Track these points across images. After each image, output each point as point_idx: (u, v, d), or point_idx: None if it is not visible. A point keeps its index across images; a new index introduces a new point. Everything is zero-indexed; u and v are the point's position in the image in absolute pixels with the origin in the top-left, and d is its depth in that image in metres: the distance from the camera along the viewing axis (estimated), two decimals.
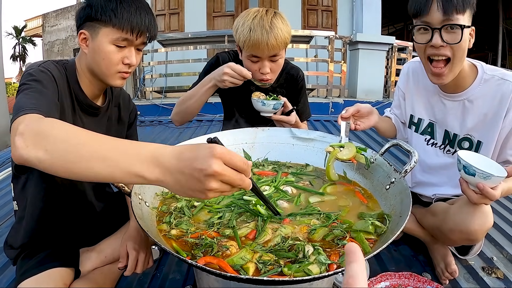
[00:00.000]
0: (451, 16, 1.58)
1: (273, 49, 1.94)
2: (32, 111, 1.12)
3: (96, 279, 1.64)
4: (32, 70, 1.41)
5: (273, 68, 2.04)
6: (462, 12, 1.58)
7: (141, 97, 8.13)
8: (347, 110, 1.78)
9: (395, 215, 1.23)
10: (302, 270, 0.98)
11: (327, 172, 1.60)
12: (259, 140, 1.83)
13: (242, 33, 1.95)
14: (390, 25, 18.28)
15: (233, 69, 1.93)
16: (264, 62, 1.99)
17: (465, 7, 1.58)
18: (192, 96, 2.14)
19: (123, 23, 1.46)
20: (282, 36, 1.93)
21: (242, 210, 1.33)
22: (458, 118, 1.86)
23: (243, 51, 2.05)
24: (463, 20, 1.59)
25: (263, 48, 1.91)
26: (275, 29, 1.90)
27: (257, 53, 1.96)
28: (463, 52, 1.67)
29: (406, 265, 2.07)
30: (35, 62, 1.50)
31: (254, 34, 1.89)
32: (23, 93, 1.28)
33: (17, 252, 1.61)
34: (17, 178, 1.63)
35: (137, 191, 1.27)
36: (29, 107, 1.15)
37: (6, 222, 2.63)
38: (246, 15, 1.98)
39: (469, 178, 1.45)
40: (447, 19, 1.59)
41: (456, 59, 1.66)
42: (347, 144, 1.65)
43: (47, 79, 1.40)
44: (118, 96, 1.85)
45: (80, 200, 1.73)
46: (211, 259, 1.04)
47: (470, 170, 1.41)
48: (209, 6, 10.39)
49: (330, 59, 7.81)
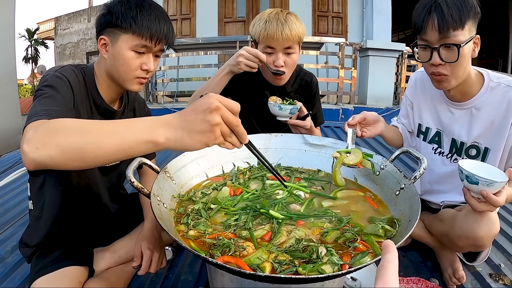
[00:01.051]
0: (448, 34, 1.60)
1: (287, 41, 2.02)
2: (41, 117, 1.15)
3: (109, 278, 1.68)
4: (48, 76, 1.45)
5: (287, 63, 2.10)
6: (460, 28, 1.60)
7: (152, 101, 8.18)
8: (353, 118, 1.82)
9: (405, 220, 1.26)
10: (316, 269, 1.02)
11: (333, 177, 1.63)
12: (272, 145, 1.86)
13: (259, 26, 2.05)
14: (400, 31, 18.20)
15: (248, 51, 1.98)
16: (278, 54, 2.07)
17: (464, 20, 1.59)
18: (207, 87, 2.16)
19: (143, 31, 1.50)
20: (296, 30, 2.03)
21: (257, 213, 1.36)
22: (465, 126, 1.88)
23: (258, 45, 2.12)
24: (462, 35, 1.61)
25: (278, 38, 2.00)
26: (290, 22, 2.01)
27: (272, 44, 2.04)
28: (463, 67, 1.70)
29: (414, 270, 2.10)
30: (53, 67, 1.54)
31: (270, 25, 2.00)
32: (37, 100, 1.32)
33: (32, 250, 1.65)
34: (34, 178, 1.67)
35: (156, 192, 1.30)
36: (39, 113, 1.18)
37: (19, 220, 2.69)
38: (263, 13, 2.10)
39: (472, 187, 1.48)
40: (443, 38, 1.62)
41: (454, 74, 1.70)
42: (353, 150, 1.68)
43: (61, 85, 1.43)
44: (134, 100, 1.90)
45: (95, 201, 1.77)
46: (229, 259, 1.08)
47: (473, 179, 1.45)
48: (220, 12, 10.44)
49: (341, 66, 7.80)
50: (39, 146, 0.99)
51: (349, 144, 1.73)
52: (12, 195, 3.19)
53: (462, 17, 1.59)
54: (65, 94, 1.41)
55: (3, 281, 1.97)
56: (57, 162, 0.99)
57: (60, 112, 1.27)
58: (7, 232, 2.52)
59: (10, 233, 2.49)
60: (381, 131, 1.97)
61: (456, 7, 1.59)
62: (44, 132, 1.03)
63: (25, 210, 2.82)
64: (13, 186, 3.40)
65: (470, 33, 1.64)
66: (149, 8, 1.54)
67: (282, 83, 2.22)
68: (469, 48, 1.66)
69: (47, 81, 1.41)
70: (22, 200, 3.06)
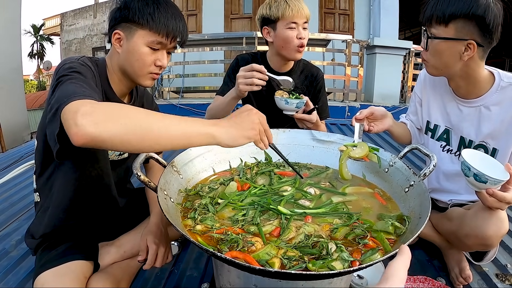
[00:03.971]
0: (430, 25, 1.72)
1: (306, 16, 2.27)
2: (86, 98, 1.12)
3: (114, 273, 1.66)
4: (72, 63, 1.41)
5: (306, 36, 2.28)
6: (443, 24, 1.66)
7: (158, 96, 8.17)
8: (361, 112, 1.82)
9: (414, 217, 1.25)
10: (326, 266, 1.01)
11: (340, 170, 1.63)
12: (280, 141, 1.85)
13: (280, 5, 2.24)
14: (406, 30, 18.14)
15: (244, 74, 2.00)
16: (299, 28, 2.25)
17: (449, 19, 1.64)
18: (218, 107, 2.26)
19: (160, 27, 1.51)
20: (307, 9, 2.28)
21: (264, 208, 1.36)
22: (474, 125, 1.87)
23: (279, 23, 2.27)
24: (444, 31, 1.66)
25: (301, 14, 2.23)
26: (302, 2, 2.26)
27: (296, 19, 2.23)
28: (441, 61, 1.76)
29: (421, 269, 2.09)
30: (72, 56, 1.52)
31: (291, 3, 2.21)
32: (69, 81, 1.27)
33: (38, 242, 1.65)
34: (41, 170, 1.66)
35: (163, 186, 1.30)
36: (83, 93, 1.15)
37: (24, 214, 2.70)
38: None
39: (478, 185, 1.45)
40: (428, 27, 1.73)
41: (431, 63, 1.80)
42: (359, 143, 1.68)
43: (88, 73, 1.43)
44: (142, 95, 1.90)
45: (104, 194, 1.76)
46: (237, 254, 1.07)
47: (482, 178, 1.41)
48: (226, 8, 10.41)
49: (347, 63, 7.78)
50: (99, 121, 1.00)
51: (356, 139, 1.73)
52: (18, 189, 3.20)
53: (447, 15, 1.64)
54: (92, 82, 1.40)
55: (7, 274, 1.97)
56: (113, 141, 1.02)
57: (96, 95, 1.23)
58: (12, 225, 2.52)
59: (15, 227, 2.49)
60: (389, 127, 1.96)
61: (447, 4, 1.63)
62: (106, 109, 1.05)
63: (30, 204, 2.83)
64: (19, 180, 3.41)
65: (458, 34, 1.64)
66: (166, 5, 1.54)
67: (301, 55, 2.36)
68: (452, 47, 1.67)
69: (73, 68, 1.38)
70: (27, 194, 3.06)
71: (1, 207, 2.84)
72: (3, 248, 2.23)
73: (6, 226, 2.52)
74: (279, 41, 2.28)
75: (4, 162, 4.07)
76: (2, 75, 6.69)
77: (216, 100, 2.31)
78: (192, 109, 7.07)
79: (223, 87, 2.43)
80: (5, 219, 2.62)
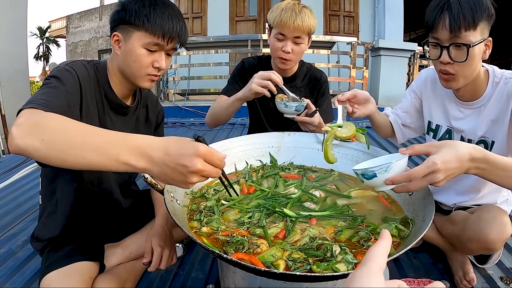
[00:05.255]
0: (459, 34, 1.57)
1: (297, 30, 2.15)
2: (38, 106, 1.14)
3: (120, 274, 1.68)
4: (57, 68, 1.45)
5: (294, 50, 2.22)
6: (472, 28, 1.56)
7: (164, 99, 8.20)
8: (343, 94, 1.79)
9: (418, 220, 1.26)
10: (331, 268, 1.02)
11: (325, 153, 1.60)
12: (285, 144, 1.86)
13: (275, 12, 2.19)
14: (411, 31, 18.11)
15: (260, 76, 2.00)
16: (288, 41, 2.19)
17: (477, 21, 1.56)
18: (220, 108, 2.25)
19: (155, 29, 1.50)
20: (308, 22, 2.16)
21: (270, 211, 1.37)
22: (474, 124, 1.84)
23: (272, 31, 2.26)
24: (473, 36, 1.57)
25: (289, 26, 2.13)
26: (303, 14, 2.15)
27: (283, 31, 2.17)
28: (472, 68, 1.66)
29: (425, 272, 2.08)
30: (65, 61, 1.54)
31: (285, 14, 2.14)
32: (40, 89, 1.32)
33: (43, 244, 1.66)
34: (45, 173, 1.68)
35: (169, 189, 1.31)
36: (37, 101, 1.17)
37: (30, 215, 2.72)
38: (282, 3, 2.22)
39: (375, 182, 1.26)
40: (454, 37, 1.59)
41: (462, 74, 1.67)
42: (346, 123, 1.63)
43: (68, 78, 1.43)
44: (147, 97, 1.90)
45: (107, 197, 1.77)
46: (243, 256, 1.08)
47: (369, 173, 1.24)
48: (231, 10, 10.43)
49: (352, 65, 7.78)
50: (26, 134, 1.00)
51: (340, 121, 1.68)
52: (24, 190, 3.22)
53: (475, 18, 1.56)
54: (70, 88, 1.41)
55: (13, 275, 1.98)
56: (40, 155, 1.01)
57: (59, 105, 1.26)
58: (18, 226, 2.54)
59: (21, 228, 2.52)
60: (371, 112, 1.94)
61: (470, 7, 1.56)
62: (34, 123, 1.04)
63: (36, 205, 2.82)
64: (25, 181, 3.43)
65: (482, 34, 1.61)
66: (163, 6, 1.54)
67: (288, 67, 2.31)
68: (480, 49, 1.63)
69: (55, 73, 1.41)
70: (33, 195, 3.08)
71: (8, 208, 2.86)
72: (10, 248, 2.25)
73: (12, 226, 2.54)
74: (271, 46, 2.30)
75: (11, 163, 4.09)
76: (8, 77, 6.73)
77: (220, 99, 2.31)
78: (197, 111, 7.09)
79: (227, 86, 2.44)
80: (12, 220, 2.64)
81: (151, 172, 1.00)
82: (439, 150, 1.18)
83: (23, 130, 1.01)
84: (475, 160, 1.19)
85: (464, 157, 1.17)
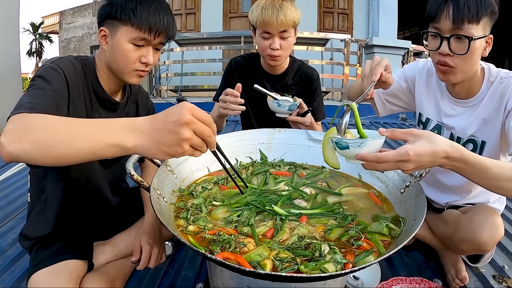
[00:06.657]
0: (461, 26, 1.55)
1: (282, 25, 2.12)
2: (25, 110, 1.13)
3: (109, 272, 1.67)
4: (43, 67, 1.43)
5: (283, 45, 2.19)
6: (476, 22, 1.55)
7: (156, 95, 8.18)
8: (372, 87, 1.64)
9: (410, 218, 1.24)
10: (319, 268, 1.00)
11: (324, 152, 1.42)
12: (275, 141, 1.84)
13: (256, 12, 2.16)
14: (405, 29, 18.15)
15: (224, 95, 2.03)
16: (274, 38, 2.16)
17: (481, 15, 1.55)
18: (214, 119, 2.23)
19: (142, 23, 1.48)
20: (291, 15, 2.12)
21: (260, 210, 1.34)
22: (465, 123, 1.83)
23: (256, 31, 2.24)
24: (476, 30, 1.56)
25: (273, 24, 2.10)
26: (285, 8, 2.11)
27: (268, 29, 2.14)
28: (472, 63, 1.65)
29: (417, 270, 2.08)
30: (51, 58, 1.52)
31: (266, 12, 2.10)
32: (27, 91, 1.31)
33: (32, 242, 1.65)
34: (34, 171, 1.67)
35: (156, 186, 1.29)
36: (23, 106, 1.17)
37: (20, 213, 2.69)
38: (259, 1, 2.20)
39: (346, 153, 1.24)
40: (456, 29, 1.57)
41: (461, 67, 1.65)
42: None
43: (54, 76, 1.41)
44: (137, 93, 1.88)
45: (96, 195, 1.76)
46: (229, 255, 1.06)
47: (342, 144, 1.22)
48: (225, 7, 10.44)
49: (346, 62, 7.78)
50: (15, 140, 0.99)
51: None
52: (14, 188, 3.19)
53: (479, 12, 1.54)
54: (56, 87, 1.39)
55: (3, 273, 1.97)
56: (32, 158, 0.99)
57: (46, 106, 1.25)
58: (8, 224, 2.52)
59: (11, 226, 2.49)
60: None
61: (475, 1, 1.54)
62: (21, 127, 1.02)
63: (26, 203, 2.81)
64: (15, 179, 3.40)
65: (484, 31, 1.60)
66: (150, 1, 1.52)
67: (279, 63, 2.29)
68: (481, 45, 1.62)
69: (40, 72, 1.40)
70: (23, 193, 3.05)
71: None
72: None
73: (2, 224, 2.51)
74: (259, 46, 2.27)
75: (0, 160, 4.06)
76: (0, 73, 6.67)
77: (214, 107, 2.24)
78: None
79: (218, 92, 2.44)
80: (1, 218, 2.61)
81: (142, 146, 0.96)
82: (416, 140, 1.15)
83: (11, 136, 0.99)
84: (451, 158, 1.16)
85: (439, 154, 1.14)
